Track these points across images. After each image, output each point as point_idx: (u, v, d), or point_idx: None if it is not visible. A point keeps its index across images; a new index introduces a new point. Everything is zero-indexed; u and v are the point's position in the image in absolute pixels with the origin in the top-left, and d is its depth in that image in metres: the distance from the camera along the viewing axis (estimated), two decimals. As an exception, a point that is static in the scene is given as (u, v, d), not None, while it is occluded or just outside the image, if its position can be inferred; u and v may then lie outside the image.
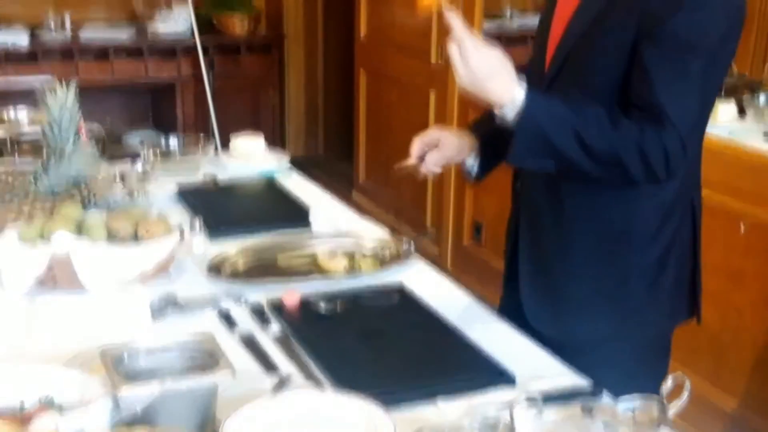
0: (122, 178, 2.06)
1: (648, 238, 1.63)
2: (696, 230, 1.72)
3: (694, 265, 1.72)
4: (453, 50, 1.47)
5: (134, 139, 4.77)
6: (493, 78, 1.47)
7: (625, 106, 1.52)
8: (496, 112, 1.50)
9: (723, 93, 2.87)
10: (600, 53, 1.54)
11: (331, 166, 5.48)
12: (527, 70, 1.72)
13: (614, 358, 1.64)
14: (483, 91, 1.49)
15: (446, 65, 3.90)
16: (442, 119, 4.04)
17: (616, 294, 1.64)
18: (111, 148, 2.42)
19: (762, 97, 3.02)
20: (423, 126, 4.16)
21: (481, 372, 1.38)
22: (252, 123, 4.94)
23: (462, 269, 4.04)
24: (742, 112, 2.97)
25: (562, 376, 1.39)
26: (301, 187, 2.33)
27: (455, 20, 1.47)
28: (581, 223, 1.65)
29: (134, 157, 2.34)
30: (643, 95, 1.49)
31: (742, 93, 3.05)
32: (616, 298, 1.65)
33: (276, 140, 5.21)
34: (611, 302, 1.65)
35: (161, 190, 2.18)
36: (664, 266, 1.65)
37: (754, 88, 3.11)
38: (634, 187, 1.58)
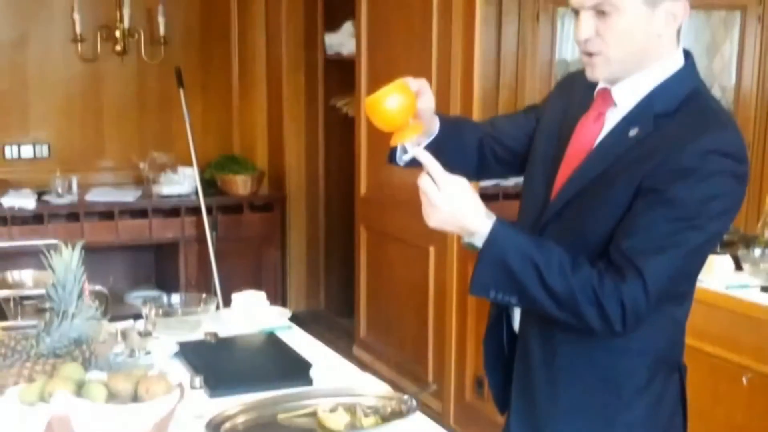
0: (124, 337, 2.07)
1: (635, 393, 1.63)
2: (683, 390, 1.71)
3: (683, 425, 1.71)
4: (424, 182, 1.51)
5: (137, 298, 4.79)
6: (462, 207, 1.51)
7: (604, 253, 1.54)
8: (465, 240, 1.53)
9: (719, 247, 2.91)
10: (603, 204, 1.57)
11: (332, 321, 5.48)
12: (522, 199, 1.76)
13: None
14: (453, 218, 1.52)
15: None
16: (441, 275, 4.08)
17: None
18: (113, 307, 2.44)
19: (757, 251, 3.06)
20: (423, 281, 4.23)
21: None
22: (254, 280, 4.98)
23: (465, 424, 3.97)
24: (738, 265, 3.01)
25: None
26: (302, 342, 2.33)
27: (424, 156, 1.52)
28: (572, 373, 1.65)
29: (136, 316, 2.35)
30: (621, 243, 1.51)
31: (738, 247, 3.09)
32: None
33: (277, 296, 5.24)
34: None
35: (163, 349, 2.18)
36: (652, 424, 1.64)
37: (749, 243, 3.15)
38: (625, 341, 1.58)
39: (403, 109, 1.63)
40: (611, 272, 1.49)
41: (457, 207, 1.51)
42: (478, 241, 1.53)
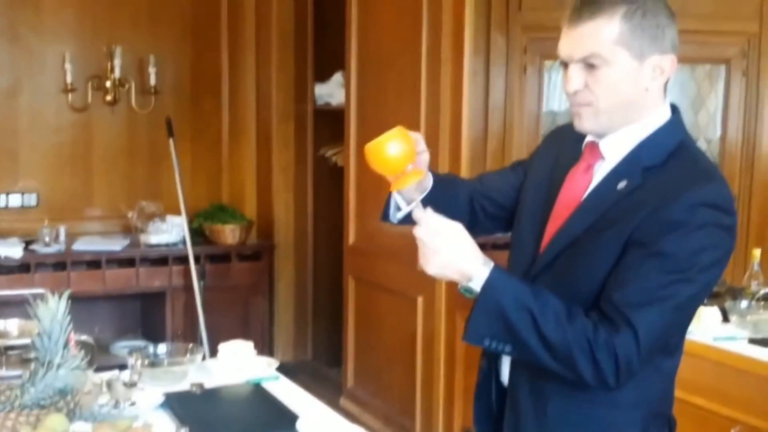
0: (109, 387, 2.05)
1: None
2: None
3: None
4: (420, 228, 1.53)
5: (122, 348, 4.76)
6: (460, 252, 1.52)
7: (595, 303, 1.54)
8: (460, 287, 1.53)
9: (707, 299, 2.92)
10: (593, 257, 1.57)
11: (319, 372, 5.44)
12: (511, 252, 1.76)
13: None
14: (450, 263, 1.53)
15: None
16: (429, 325, 4.07)
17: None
18: (99, 357, 2.42)
19: (744, 303, 3.06)
20: (411, 332, 4.21)
21: None
22: (241, 329, 4.96)
23: (453, 478, 3.94)
24: (725, 317, 3.01)
25: None
26: (289, 393, 2.32)
27: (419, 209, 1.55)
28: (564, 427, 1.64)
29: (122, 366, 2.33)
30: (613, 295, 1.51)
31: (725, 299, 3.10)
32: None
33: (265, 346, 5.21)
34: None
35: (148, 399, 2.16)
36: None
37: (736, 294, 3.16)
38: (617, 394, 1.57)
39: (404, 155, 1.66)
40: (605, 324, 1.49)
41: (454, 252, 1.52)
42: (475, 287, 1.53)
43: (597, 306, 1.53)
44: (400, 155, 1.65)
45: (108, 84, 5.17)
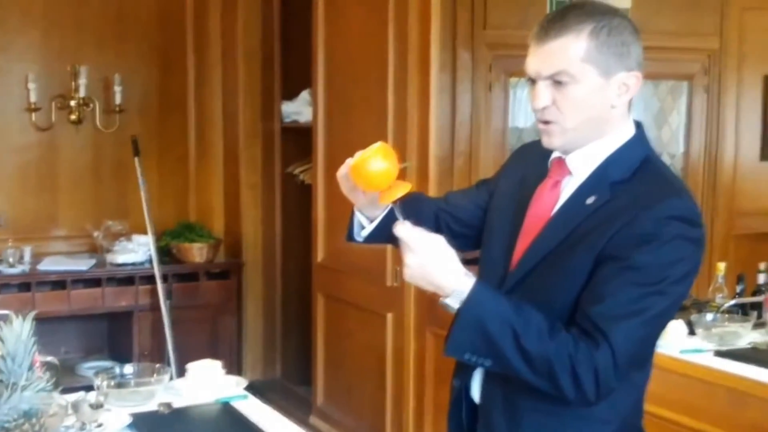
0: (75, 409, 2.03)
1: None
2: None
3: None
4: (403, 244, 1.53)
5: (89, 369, 4.70)
6: (441, 265, 1.52)
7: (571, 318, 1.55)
8: (441, 300, 1.53)
9: (673, 312, 2.94)
10: (564, 272, 1.58)
11: (289, 390, 5.42)
12: (481, 269, 1.76)
13: None
14: (432, 277, 1.53)
15: (402, 287, 3.97)
16: (399, 340, 4.07)
17: None
18: (65, 379, 2.39)
19: (709, 316, 3.10)
20: (381, 348, 4.21)
21: None
22: (210, 348, 4.93)
23: (424, 496, 3.93)
24: (691, 330, 3.04)
25: None
26: (258, 412, 2.31)
27: (401, 226, 1.54)
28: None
29: (88, 387, 2.31)
30: (588, 310, 1.52)
31: (691, 312, 3.14)
32: None
33: (233, 365, 5.17)
34: None
35: (115, 421, 2.14)
36: None
37: (701, 308, 3.20)
38: (590, 409, 1.58)
39: (388, 172, 1.67)
40: (584, 339, 1.50)
41: (437, 265, 1.53)
42: (455, 302, 1.53)
43: (573, 321, 1.54)
44: (385, 171, 1.66)
45: (72, 103, 5.13)
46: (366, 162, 1.66)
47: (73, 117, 5.15)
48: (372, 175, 1.67)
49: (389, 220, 1.73)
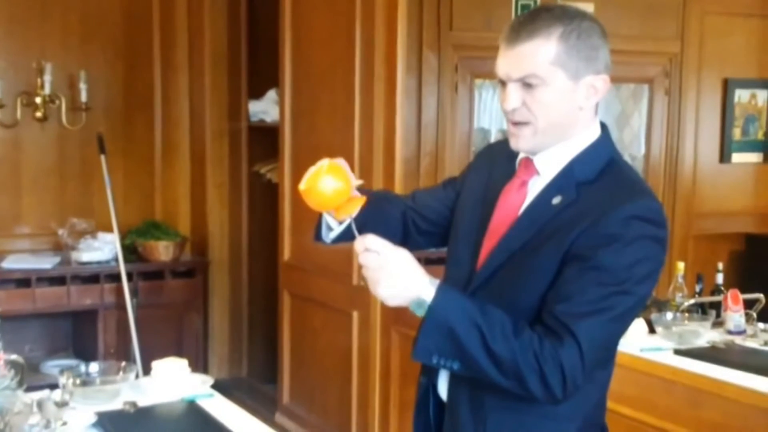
0: (39, 407, 2.03)
1: None
2: None
3: None
4: (365, 256, 1.54)
5: (53, 367, 4.68)
6: (404, 274, 1.54)
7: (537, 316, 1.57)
8: (410, 307, 1.55)
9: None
10: (530, 271, 1.60)
11: (254, 388, 5.42)
12: (447, 268, 1.78)
13: None
14: (397, 291, 1.54)
15: (368, 286, 3.99)
16: (365, 339, 4.09)
17: None
18: (29, 377, 2.38)
19: (669, 315, 3.16)
20: (347, 346, 4.23)
21: None
22: (175, 347, 4.92)
23: (389, 493, 3.96)
24: (651, 329, 3.09)
25: None
26: (224, 410, 2.32)
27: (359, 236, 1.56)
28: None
29: (53, 385, 2.31)
30: (554, 308, 1.54)
31: (651, 311, 3.19)
32: None
33: (199, 363, 5.16)
34: None
35: (80, 419, 2.14)
36: None
37: (661, 307, 3.25)
38: (554, 406, 1.59)
39: (340, 190, 1.67)
40: (550, 337, 1.52)
41: (401, 279, 1.53)
42: (420, 309, 1.54)
43: (539, 320, 1.56)
44: (337, 190, 1.66)
45: (38, 100, 5.09)
46: (316, 184, 1.65)
47: (38, 114, 5.10)
48: (324, 197, 1.66)
49: (360, 221, 1.74)
